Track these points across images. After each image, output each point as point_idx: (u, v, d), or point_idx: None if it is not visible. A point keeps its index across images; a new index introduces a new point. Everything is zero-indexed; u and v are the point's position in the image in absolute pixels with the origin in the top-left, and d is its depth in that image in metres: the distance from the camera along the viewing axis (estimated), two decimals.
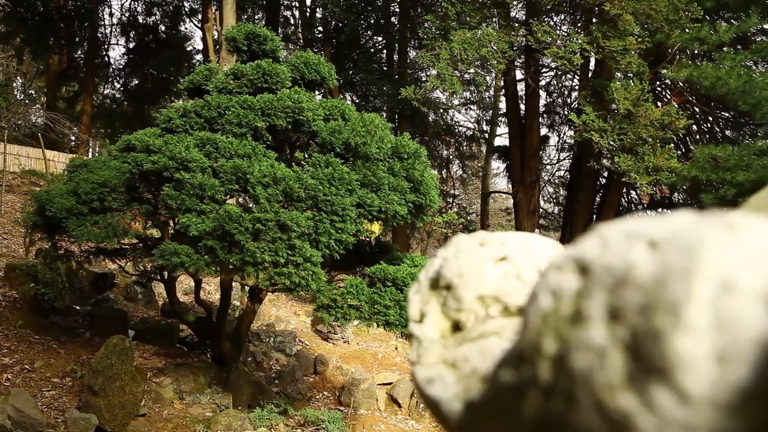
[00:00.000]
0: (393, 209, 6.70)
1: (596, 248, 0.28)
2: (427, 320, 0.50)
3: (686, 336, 0.22)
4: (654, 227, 0.27)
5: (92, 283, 10.80)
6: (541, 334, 0.28)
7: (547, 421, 0.27)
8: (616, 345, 0.24)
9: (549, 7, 16.49)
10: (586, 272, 0.28)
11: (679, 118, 13.79)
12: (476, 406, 0.34)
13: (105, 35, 28.38)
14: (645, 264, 0.25)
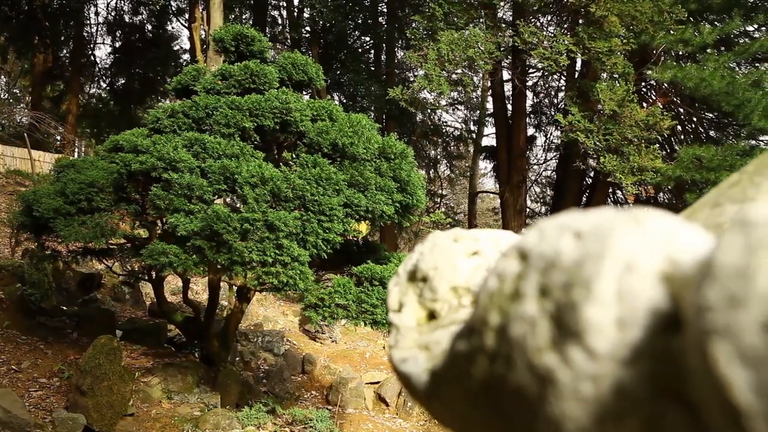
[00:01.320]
0: (380, 209, 6.76)
1: (535, 239, 0.34)
2: (405, 310, 0.56)
3: (595, 306, 0.28)
4: (581, 221, 0.33)
5: (79, 283, 10.77)
6: (488, 309, 0.34)
7: (491, 381, 0.33)
8: (544, 316, 0.30)
9: (535, 9, 16.59)
10: (525, 258, 0.33)
11: (663, 118, 13.92)
12: (438, 374, 0.40)
13: (91, 34, 28.20)
14: (569, 250, 0.31)
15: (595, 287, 0.28)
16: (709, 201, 0.64)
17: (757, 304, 0.22)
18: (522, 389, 0.30)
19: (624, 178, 13.81)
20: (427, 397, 0.42)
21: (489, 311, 0.34)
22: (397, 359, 0.52)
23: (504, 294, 0.33)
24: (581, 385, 0.28)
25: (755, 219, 0.25)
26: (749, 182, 0.61)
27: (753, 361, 0.22)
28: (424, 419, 10.06)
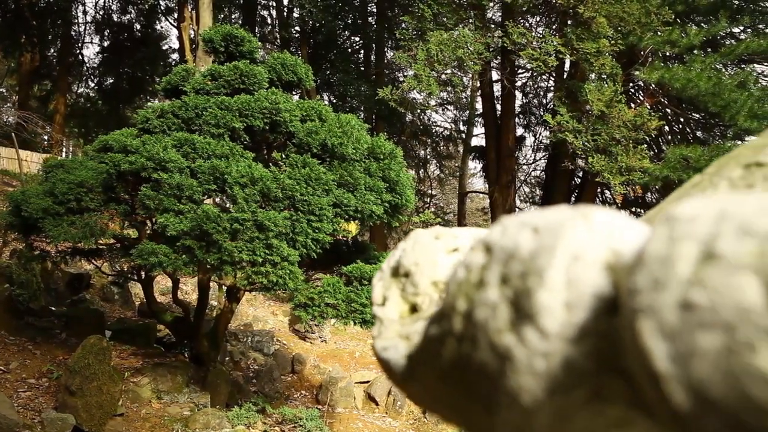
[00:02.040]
0: (369, 209, 6.79)
1: (498, 234, 0.38)
2: (388, 303, 0.59)
3: (547, 292, 0.32)
4: (539, 218, 0.37)
5: (68, 283, 10.73)
6: (456, 297, 0.38)
7: (459, 360, 0.37)
8: (504, 301, 0.34)
9: (524, 9, 16.66)
10: (490, 251, 0.37)
11: (651, 119, 14.04)
12: (414, 357, 0.44)
13: (79, 33, 28.04)
14: (527, 244, 0.35)
15: (547, 275, 0.32)
16: (673, 200, 0.69)
17: (676, 287, 0.26)
18: (485, 366, 0.34)
19: (612, 178, 13.91)
20: (404, 379, 0.46)
21: (457, 298, 0.38)
22: (379, 348, 0.55)
23: (470, 283, 0.37)
24: (535, 361, 0.32)
25: (679, 215, 0.29)
26: (709, 183, 0.65)
27: (670, 335, 0.26)
28: (413, 418, 10.11)
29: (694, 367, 0.25)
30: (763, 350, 0.23)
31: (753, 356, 0.23)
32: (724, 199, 0.28)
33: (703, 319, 0.25)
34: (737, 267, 0.25)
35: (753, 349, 0.23)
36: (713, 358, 0.24)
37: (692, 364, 0.25)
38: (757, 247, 0.25)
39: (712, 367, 0.24)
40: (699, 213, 0.28)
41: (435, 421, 9.96)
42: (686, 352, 0.25)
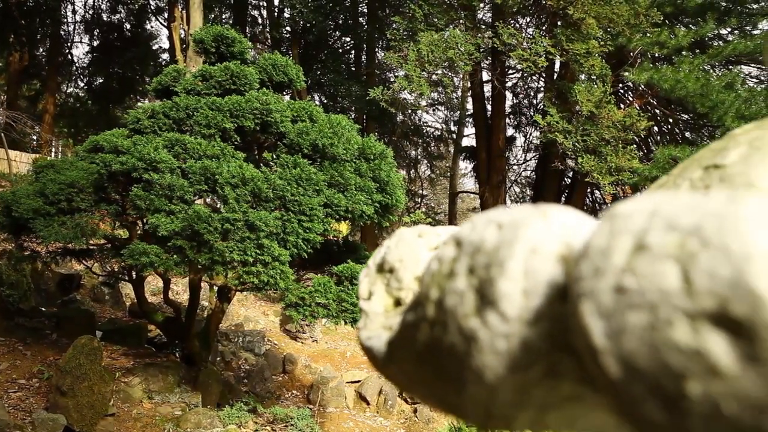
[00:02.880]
0: (360, 209, 6.84)
1: (468, 230, 0.42)
2: (374, 298, 0.63)
3: (507, 280, 0.36)
4: (503, 215, 0.41)
5: (58, 284, 10.71)
6: (429, 286, 0.42)
7: (431, 343, 0.41)
8: (470, 289, 0.38)
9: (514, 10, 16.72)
10: (460, 245, 0.42)
11: (640, 119, 14.13)
12: (392, 342, 0.48)
13: (68, 33, 27.89)
14: (491, 238, 0.39)
15: (508, 266, 0.37)
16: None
17: (612, 274, 0.31)
18: (453, 347, 0.38)
19: (601, 179, 13.99)
20: (384, 363, 0.50)
21: (430, 288, 0.42)
22: (363, 337, 0.59)
23: (442, 273, 0.41)
24: (497, 342, 0.36)
25: (618, 213, 0.33)
26: (673, 183, 0.70)
27: (605, 315, 0.30)
28: (404, 417, 10.16)
29: (624, 342, 0.29)
30: (679, 326, 0.27)
31: (671, 331, 0.28)
32: (657, 199, 0.33)
33: (632, 301, 0.29)
34: (662, 256, 0.29)
35: (671, 325, 0.28)
36: (640, 333, 0.29)
37: (623, 340, 0.29)
38: (679, 239, 0.29)
39: (639, 341, 0.29)
40: (635, 210, 0.33)
41: (426, 419, 10.01)
42: (618, 329, 0.29)
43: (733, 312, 0.26)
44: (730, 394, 0.26)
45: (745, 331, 0.26)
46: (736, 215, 0.28)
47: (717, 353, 0.26)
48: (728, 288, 0.26)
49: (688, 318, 0.27)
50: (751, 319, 0.26)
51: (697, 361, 0.27)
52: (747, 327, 0.26)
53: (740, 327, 0.26)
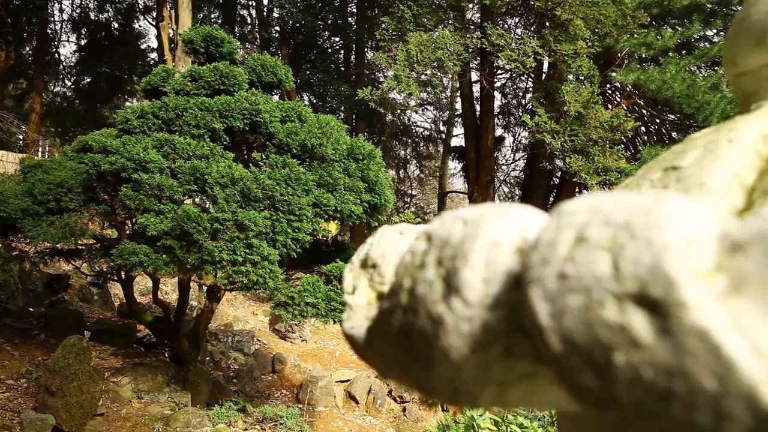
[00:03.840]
0: (348, 209, 6.88)
1: (437, 225, 0.47)
2: (357, 292, 0.68)
3: (469, 270, 0.41)
4: (469, 212, 0.46)
5: (46, 284, 10.67)
6: (403, 276, 0.47)
7: (404, 327, 0.45)
8: (438, 278, 0.43)
9: (503, 11, 16.82)
10: (430, 239, 0.46)
11: (627, 120, 14.25)
12: (371, 329, 0.53)
13: (55, 31, 27.71)
14: (457, 233, 0.44)
15: (471, 257, 0.41)
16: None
17: (556, 263, 0.35)
18: (423, 330, 0.43)
19: (589, 178, 14.10)
20: (364, 349, 0.54)
21: (404, 278, 0.47)
22: (347, 327, 0.64)
23: (414, 265, 0.46)
24: (460, 325, 0.41)
25: (564, 210, 0.38)
26: (636, 185, 0.75)
27: (550, 298, 0.35)
28: (393, 416, 10.21)
29: (564, 321, 0.34)
30: (608, 306, 0.32)
31: (602, 310, 0.32)
32: (598, 198, 0.38)
33: (572, 285, 0.34)
34: (597, 248, 0.34)
35: (602, 305, 0.32)
36: (577, 313, 0.33)
37: (563, 319, 0.34)
38: (612, 233, 0.34)
39: (576, 320, 0.33)
40: (578, 208, 0.37)
41: (415, 418, 10.07)
42: (560, 310, 0.34)
43: (651, 293, 0.31)
44: (648, 362, 0.30)
45: (660, 309, 0.30)
46: (659, 212, 0.33)
47: (638, 328, 0.31)
48: (648, 273, 0.31)
49: (615, 299, 0.32)
50: (666, 299, 0.30)
51: (622, 335, 0.31)
52: (662, 306, 0.30)
53: (657, 306, 0.31)
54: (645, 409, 0.31)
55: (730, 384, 0.28)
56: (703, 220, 0.34)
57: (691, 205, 0.34)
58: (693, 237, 0.32)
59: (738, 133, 0.68)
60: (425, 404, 10.61)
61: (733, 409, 0.28)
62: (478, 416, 4.20)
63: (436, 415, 9.94)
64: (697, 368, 0.29)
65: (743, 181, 0.62)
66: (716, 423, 0.29)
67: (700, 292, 0.30)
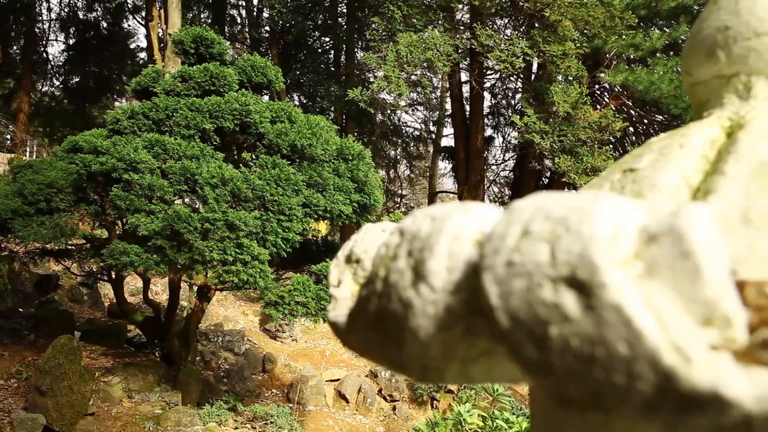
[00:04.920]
0: (338, 209, 6.94)
1: (409, 221, 0.53)
2: (342, 285, 0.73)
3: (435, 260, 0.47)
4: (436, 209, 0.52)
5: (35, 284, 10.66)
6: (378, 267, 0.53)
7: (379, 311, 0.51)
8: (408, 268, 0.49)
9: (492, 12, 16.90)
10: (402, 234, 0.52)
11: (615, 120, 14.36)
12: (351, 315, 0.59)
13: (43, 30, 27.57)
14: (426, 228, 0.50)
15: (435, 249, 0.47)
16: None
17: (505, 252, 0.42)
18: (395, 313, 0.49)
19: (578, 178, 14.19)
20: (345, 333, 0.60)
21: (379, 268, 0.53)
22: (331, 317, 0.70)
23: (388, 256, 0.52)
24: (427, 308, 0.47)
25: (515, 207, 0.44)
26: (599, 185, 0.82)
27: (499, 282, 0.41)
28: (383, 415, 10.27)
29: (510, 301, 0.40)
30: (546, 288, 0.38)
31: (541, 291, 0.39)
32: (544, 196, 0.44)
33: (517, 271, 0.40)
34: (539, 239, 0.40)
35: (541, 287, 0.39)
36: (521, 294, 0.40)
37: (510, 299, 0.40)
38: (551, 227, 0.40)
39: (520, 300, 0.39)
40: (526, 206, 0.44)
41: (404, 417, 10.13)
42: (507, 292, 0.40)
43: (579, 276, 0.37)
44: (576, 334, 0.37)
45: (586, 290, 0.37)
46: (590, 210, 0.39)
47: (568, 306, 0.37)
48: (577, 260, 0.37)
49: (551, 282, 0.38)
50: (590, 280, 0.36)
51: (556, 311, 0.38)
52: (587, 286, 0.37)
53: (583, 286, 0.37)
54: (574, 373, 0.37)
55: (638, 349, 0.34)
56: (628, 216, 0.40)
57: (618, 204, 0.41)
58: (617, 231, 0.39)
59: (688, 138, 0.75)
60: (415, 403, 10.68)
61: (642, 370, 0.34)
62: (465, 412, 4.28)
63: (426, 413, 10.01)
64: (613, 337, 0.35)
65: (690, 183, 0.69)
66: (629, 382, 0.35)
67: (618, 275, 0.36)
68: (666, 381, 0.34)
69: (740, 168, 0.65)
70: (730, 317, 0.36)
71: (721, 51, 0.79)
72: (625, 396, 0.36)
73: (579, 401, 0.39)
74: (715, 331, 0.36)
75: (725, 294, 0.36)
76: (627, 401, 0.36)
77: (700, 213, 0.38)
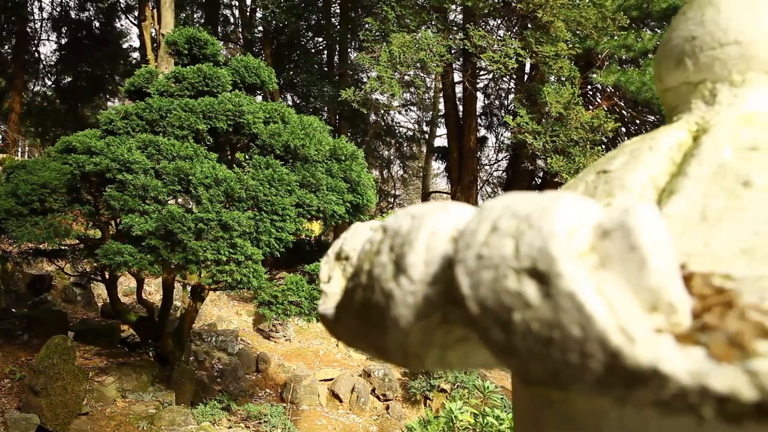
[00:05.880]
0: (331, 209, 6.98)
1: (392, 219, 0.57)
2: (332, 281, 0.78)
3: (414, 254, 0.52)
4: (417, 208, 0.56)
5: (29, 285, 10.65)
6: (363, 261, 0.57)
7: (364, 302, 0.56)
8: (390, 261, 0.54)
9: (485, 12, 16.96)
10: (386, 231, 0.57)
11: (607, 120, 14.45)
12: (339, 306, 0.63)
13: (35, 30, 27.47)
14: (406, 225, 0.54)
15: (415, 244, 0.52)
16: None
17: (475, 247, 0.46)
18: (378, 303, 0.54)
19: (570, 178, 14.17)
20: (333, 323, 0.65)
21: (364, 262, 0.57)
22: (321, 309, 0.74)
23: (372, 251, 0.57)
24: (407, 298, 0.52)
25: (486, 206, 0.49)
26: (575, 186, 0.86)
27: (470, 273, 0.45)
28: (376, 414, 10.31)
29: (480, 290, 0.44)
30: (510, 278, 0.43)
31: (506, 281, 0.43)
32: (512, 196, 0.48)
33: (486, 263, 0.45)
34: (505, 235, 0.45)
35: (506, 278, 0.43)
36: (488, 284, 0.44)
37: (479, 289, 0.45)
38: (516, 223, 0.45)
39: (488, 289, 0.44)
40: (495, 205, 0.48)
41: (397, 416, 10.18)
42: (477, 282, 0.45)
43: (539, 267, 0.42)
44: (536, 318, 0.41)
45: (544, 279, 0.41)
46: (551, 208, 0.44)
47: (529, 294, 0.42)
48: (538, 253, 0.42)
49: (515, 273, 0.43)
50: (548, 271, 0.41)
51: (519, 299, 0.42)
52: (546, 276, 0.41)
53: (542, 276, 0.41)
54: (535, 354, 0.42)
55: (589, 332, 0.39)
56: (585, 214, 0.45)
57: (577, 204, 0.45)
58: (574, 227, 0.43)
59: (657, 141, 0.80)
60: (408, 402, 10.73)
61: (592, 349, 0.39)
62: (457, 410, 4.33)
63: (419, 412, 10.06)
64: (568, 321, 0.40)
65: (657, 183, 0.74)
66: (582, 360, 0.40)
67: (572, 266, 0.41)
68: (613, 359, 0.38)
69: (702, 170, 0.70)
70: (674, 304, 0.41)
71: (688, 59, 0.84)
72: (579, 373, 0.40)
73: (540, 379, 0.43)
74: (661, 316, 0.41)
75: (669, 283, 0.41)
76: (581, 378, 0.41)
77: (648, 211, 0.42)
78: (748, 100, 0.79)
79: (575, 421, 0.60)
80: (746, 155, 0.69)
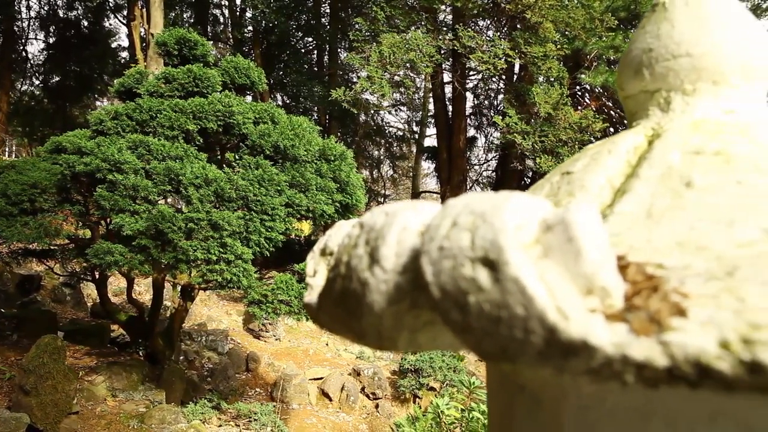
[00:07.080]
0: (320, 209, 7.04)
1: (369, 216, 0.64)
2: (317, 275, 0.84)
3: (386, 247, 0.58)
4: (390, 206, 0.63)
5: (18, 285, 10.64)
6: (342, 253, 0.64)
7: (343, 290, 0.62)
8: (366, 253, 0.60)
9: (474, 13, 17.04)
10: (362, 226, 0.63)
11: (596, 121, 14.56)
12: (321, 295, 0.70)
13: (22, 29, 27.33)
14: (380, 221, 0.61)
15: (387, 238, 0.59)
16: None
17: (438, 239, 0.53)
18: (355, 291, 0.60)
19: None
20: (316, 311, 0.71)
21: (343, 254, 0.64)
22: (306, 300, 0.80)
23: (350, 245, 0.63)
24: (380, 286, 0.58)
25: (449, 204, 0.55)
26: (541, 186, 0.93)
27: (433, 263, 0.52)
28: (366, 413, 10.38)
29: (441, 277, 0.51)
30: (466, 266, 0.50)
31: (463, 269, 0.50)
32: (472, 196, 0.55)
33: (446, 254, 0.51)
34: (463, 229, 0.51)
35: (463, 266, 0.50)
36: (448, 272, 0.51)
37: (440, 276, 0.51)
38: (473, 219, 0.51)
39: (448, 276, 0.51)
40: (457, 203, 0.55)
41: (387, 414, 10.25)
42: (438, 270, 0.51)
43: (490, 256, 0.48)
44: (487, 300, 0.48)
45: (494, 266, 0.48)
46: (503, 206, 0.51)
47: (482, 279, 0.48)
48: (489, 244, 0.49)
49: (470, 261, 0.49)
50: (498, 259, 0.48)
51: (473, 284, 0.49)
52: (495, 264, 0.48)
53: (493, 264, 0.48)
54: (487, 332, 0.48)
55: (531, 311, 0.46)
56: (534, 211, 0.51)
57: (526, 202, 0.52)
58: (522, 222, 0.50)
59: (616, 145, 0.87)
60: (397, 400, 10.80)
61: (534, 326, 0.46)
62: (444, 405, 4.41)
63: (408, 410, 10.13)
64: (513, 302, 0.46)
65: (613, 184, 0.81)
66: (525, 336, 0.46)
67: (518, 255, 0.47)
68: (551, 334, 0.45)
69: (652, 172, 0.77)
70: (607, 288, 0.48)
71: (645, 69, 0.91)
72: (523, 347, 0.47)
73: (492, 354, 0.50)
74: (596, 299, 0.48)
75: (602, 270, 0.48)
76: (525, 351, 0.47)
77: (585, 208, 0.49)
78: (698, 108, 0.87)
79: (542, 404, 0.68)
80: (691, 159, 0.76)
